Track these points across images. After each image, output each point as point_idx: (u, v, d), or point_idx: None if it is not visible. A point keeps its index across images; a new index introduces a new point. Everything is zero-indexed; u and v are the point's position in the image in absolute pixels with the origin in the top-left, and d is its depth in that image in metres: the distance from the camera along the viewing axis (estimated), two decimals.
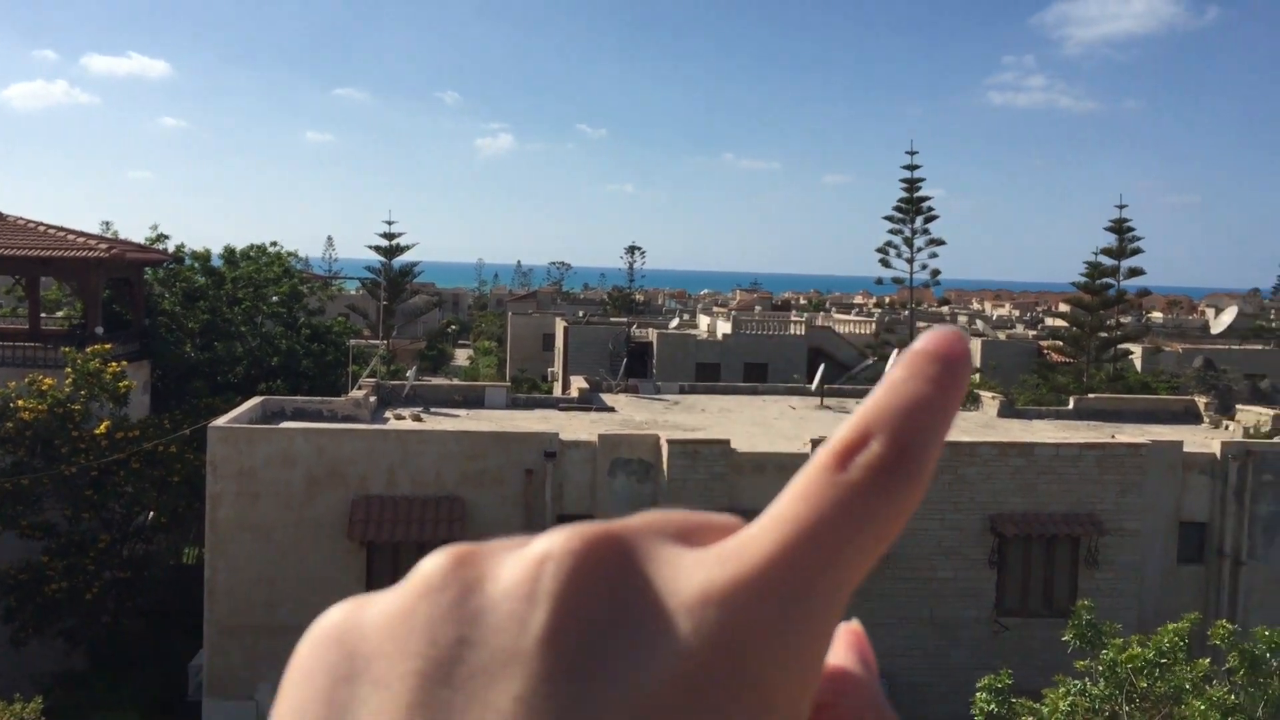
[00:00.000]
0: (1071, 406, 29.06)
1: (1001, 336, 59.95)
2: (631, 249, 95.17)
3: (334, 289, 61.50)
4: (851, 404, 30.06)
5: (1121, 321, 47.86)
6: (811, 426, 24.71)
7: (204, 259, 34.31)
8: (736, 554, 0.42)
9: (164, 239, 34.31)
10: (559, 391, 40.57)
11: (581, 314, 62.57)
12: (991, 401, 29.02)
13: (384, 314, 50.00)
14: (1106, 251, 46.48)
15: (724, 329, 49.09)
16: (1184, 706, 11.28)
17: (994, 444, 21.60)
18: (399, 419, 24.37)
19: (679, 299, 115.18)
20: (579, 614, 0.42)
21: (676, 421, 25.44)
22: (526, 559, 0.44)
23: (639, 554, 0.43)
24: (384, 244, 56.52)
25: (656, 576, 0.43)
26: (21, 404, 23.58)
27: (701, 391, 32.01)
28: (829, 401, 30.23)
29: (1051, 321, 61.25)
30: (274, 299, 34.44)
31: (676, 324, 58.48)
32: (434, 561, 0.45)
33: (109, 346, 25.36)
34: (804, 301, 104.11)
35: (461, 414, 25.71)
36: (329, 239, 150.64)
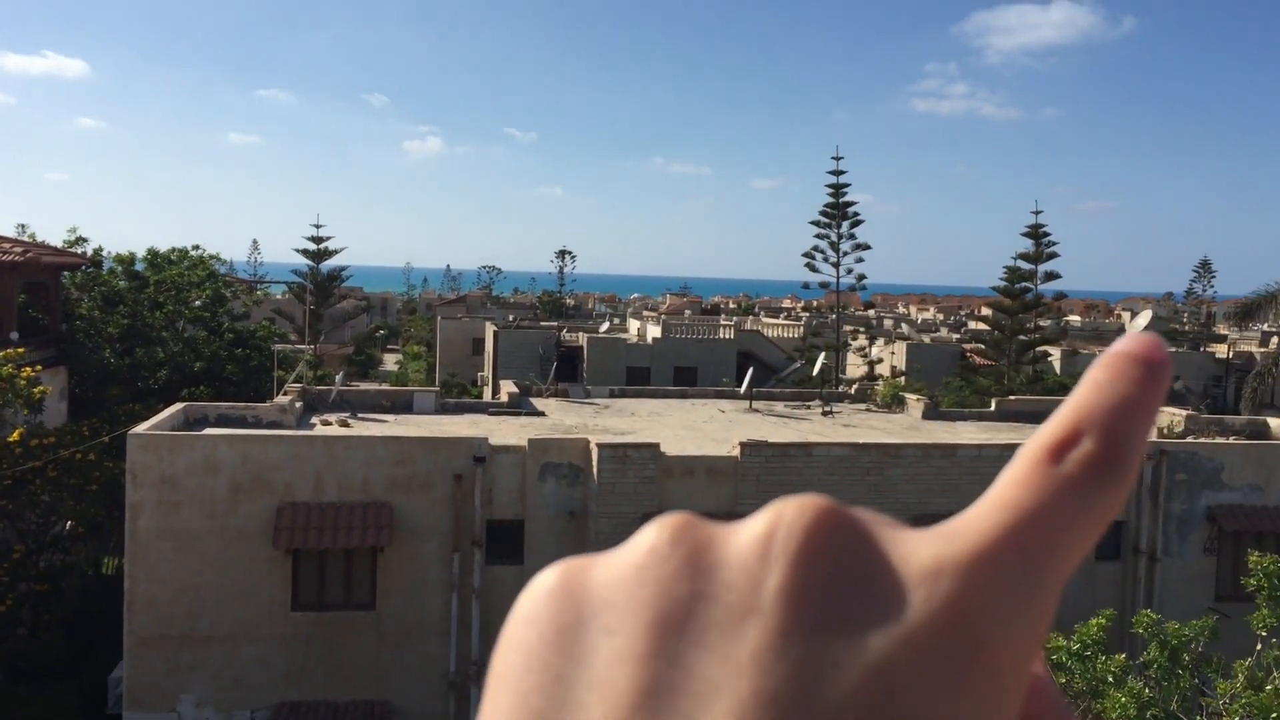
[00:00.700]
0: (993, 408, 29.63)
1: (926, 340, 60.93)
2: (562, 253, 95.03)
3: (259, 293, 60.52)
4: (780, 406, 30.35)
5: (1040, 325, 48.87)
6: (740, 430, 24.90)
7: (128, 262, 33.62)
8: (963, 532, 0.44)
9: (83, 242, 33.55)
10: (489, 396, 40.37)
11: (512, 318, 62.33)
12: (916, 404, 29.48)
13: (311, 318, 49.36)
14: (1024, 256, 47.42)
15: (654, 333, 49.22)
16: (1104, 700, 11.57)
17: (918, 445, 21.96)
18: (326, 425, 24.10)
19: (609, 303, 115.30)
20: (815, 574, 0.43)
21: (607, 425, 25.47)
22: (758, 522, 0.45)
23: (868, 526, 0.45)
24: (311, 247, 55.79)
25: (888, 547, 0.44)
26: None
27: (632, 395, 32.09)
28: (758, 404, 30.48)
29: (974, 325, 62.36)
30: (197, 303, 33.85)
31: (607, 328, 58.52)
32: (659, 525, 0.46)
33: (22, 351, 24.73)
34: (733, 305, 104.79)
35: (390, 419, 25.48)
36: (254, 242, 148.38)
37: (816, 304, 78.88)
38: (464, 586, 20.57)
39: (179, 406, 23.03)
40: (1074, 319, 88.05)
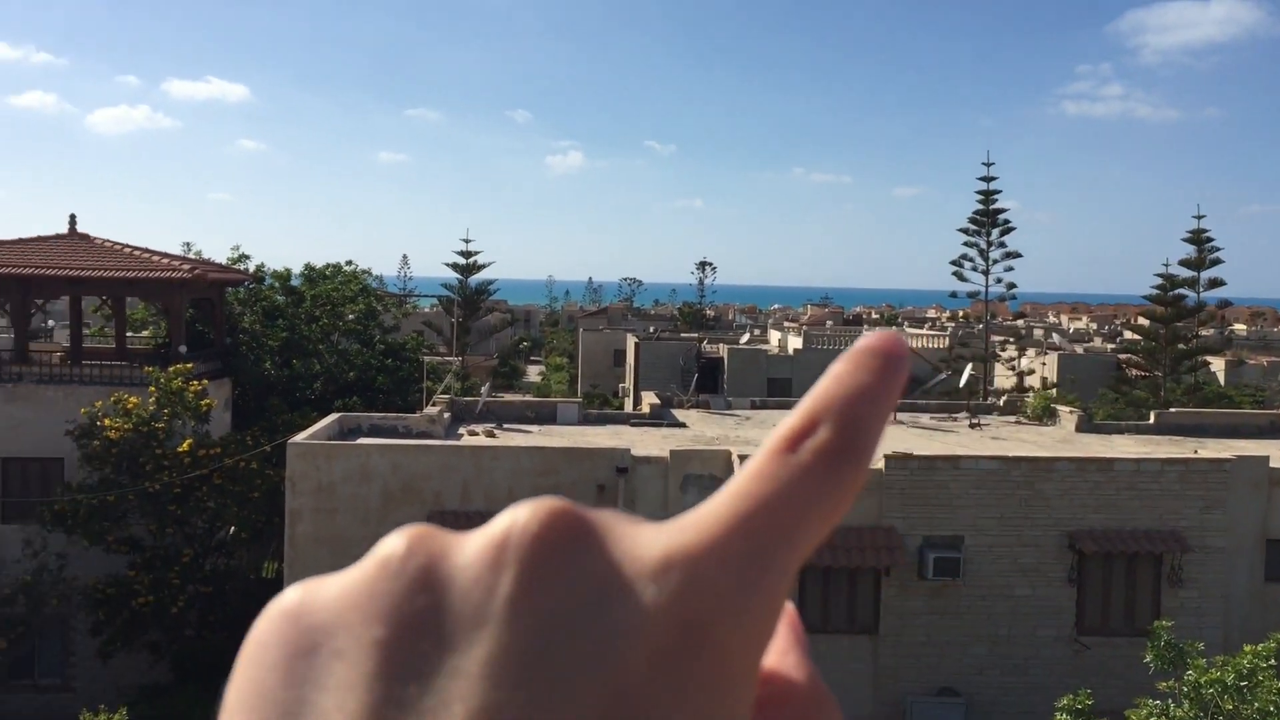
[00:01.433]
0: (1152, 421, 28.44)
1: (1079, 350, 58.87)
2: (702, 264, 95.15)
3: (409, 306, 62.35)
4: (925, 418, 29.74)
5: (1201, 334, 46.74)
6: (884, 442, 24.46)
7: (284, 278, 35.02)
8: (695, 525, 0.44)
9: (244, 259, 35.11)
10: (630, 407, 40.68)
11: (652, 330, 62.68)
12: (1069, 416, 28.51)
13: (458, 331, 50.59)
14: (1185, 263, 45.45)
15: (795, 344, 48.87)
16: None
17: (1072, 460, 21.22)
18: (473, 435, 24.63)
19: (749, 314, 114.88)
20: (546, 577, 0.42)
21: (748, 437, 25.38)
22: (490, 529, 0.44)
23: (601, 524, 0.44)
24: (460, 261, 57.24)
25: (619, 544, 0.44)
26: (108, 422, 24.25)
27: (773, 407, 31.90)
28: (902, 416, 29.94)
29: (1129, 335, 60.03)
30: (350, 317, 35.04)
31: (747, 339, 58.32)
32: (394, 537, 0.45)
33: (191, 366, 25.97)
34: (876, 316, 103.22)
35: (534, 430, 25.91)
36: (404, 257, 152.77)
37: (963, 313, 77.00)
38: None
39: (334, 417, 23.87)
40: (1239, 327, 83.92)
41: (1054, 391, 38.03)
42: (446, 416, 25.41)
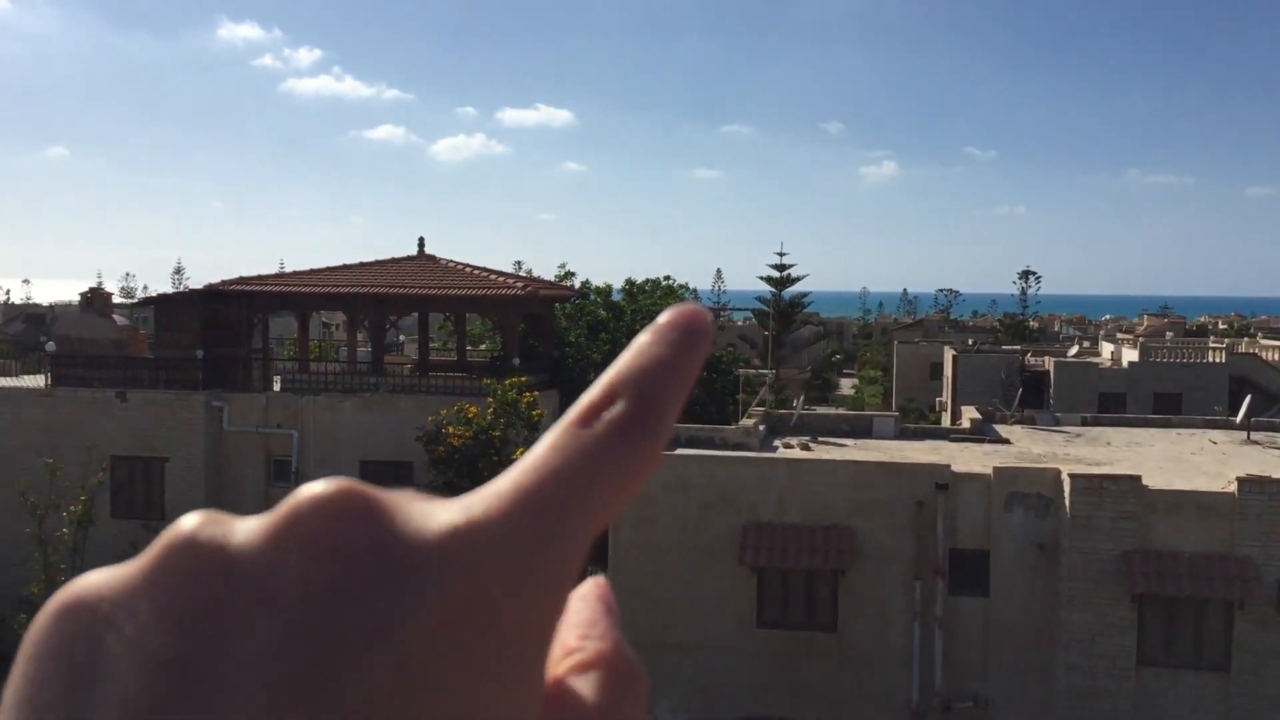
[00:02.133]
0: None
1: None
2: (1025, 274, 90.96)
3: (723, 320, 63.38)
4: None
5: None
6: (1237, 464, 22.48)
7: (606, 294, 36.55)
8: (484, 499, 0.44)
9: (570, 276, 36.93)
10: (948, 422, 39.46)
11: (971, 342, 60.57)
12: None
13: (772, 344, 50.91)
14: None
15: (1130, 356, 45.78)
16: None
17: None
18: (788, 448, 24.69)
19: (1077, 325, 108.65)
20: (329, 554, 0.42)
21: (1079, 455, 24.01)
22: (274, 511, 0.44)
23: (386, 501, 0.44)
24: (773, 275, 57.65)
25: (406, 519, 0.43)
26: (451, 430, 26.14)
27: (1106, 423, 30.02)
28: (1257, 436, 27.38)
29: None
30: None
31: (1075, 352, 55.23)
32: (178, 523, 0.45)
33: (524, 379, 27.56)
34: (1223, 326, 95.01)
35: (849, 443, 25.65)
36: (718, 271, 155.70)
37: None
38: (926, 615, 20.22)
39: None
40: None
41: None
42: (762, 429, 25.61)
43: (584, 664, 0.48)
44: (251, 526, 0.44)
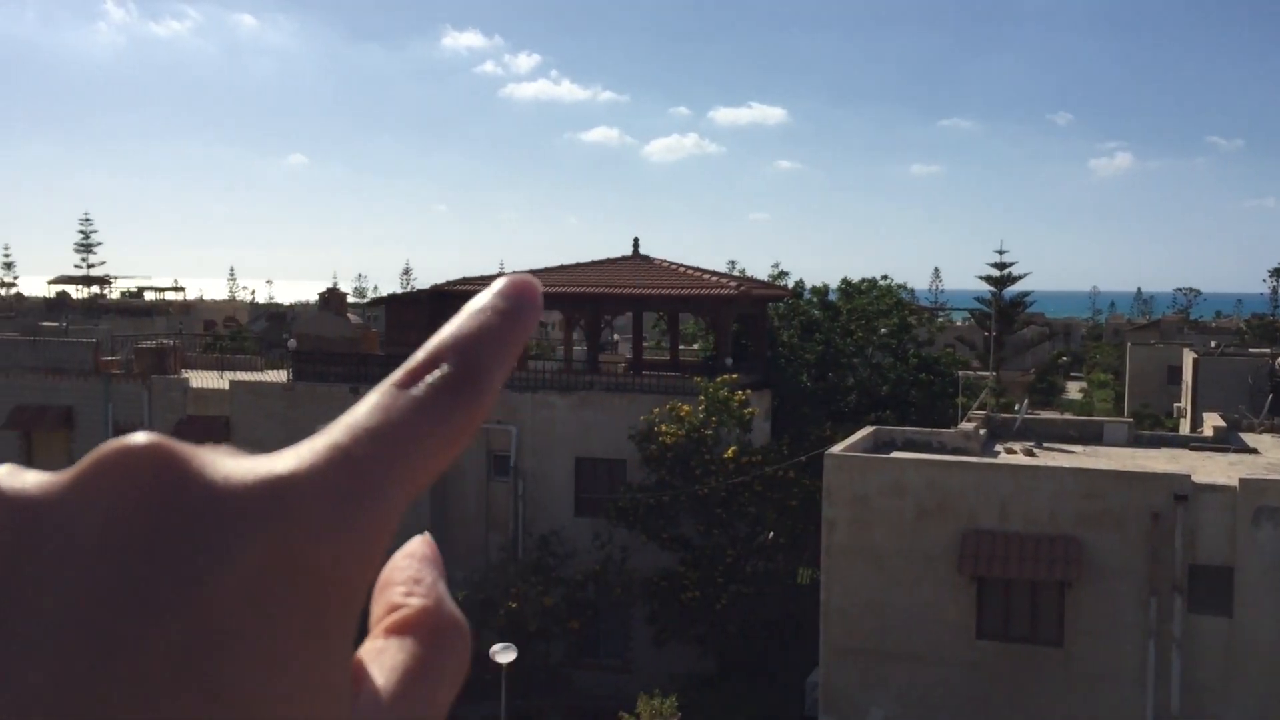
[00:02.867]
0: None
1: None
2: (1276, 271, 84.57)
3: (941, 320, 61.60)
4: None
5: None
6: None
7: (821, 294, 36.04)
8: (298, 454, 0.44)
9: (784, 276, 36.60)
10: (1187, 429, 37.04)
11: (1214, 344, 56.76)
12: None
13: (993, 345, 49.12)
14: None
15: None
16: None
17: None
18: (1010, 453, 23.72)
19: None
20: (134, 508, 0.42)
21: None
22: (78, 465, 0.43)
23: (195, 454, 0.44)
24: (994, 274, 55.66)
25: (215, 473, 0.43)
26: (664, 428, 26.34)
27: None
28: None
29: None
30: (883, 330, 35.23)
31: None
32: None
33: (736, 377, 27.49)
34: None
35: (1077, 450, 24.42)
36: (935, 270, 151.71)
37: None
38: (1162, 634, 19.02)
39: (869, 430, 24.09)
40: None
41: None
42: (982, 433, 24.70)
43: (405, 620, 0.49)
44: (54, 479, 0.43)
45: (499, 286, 0.51)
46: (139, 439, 0.43)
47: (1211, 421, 27.45)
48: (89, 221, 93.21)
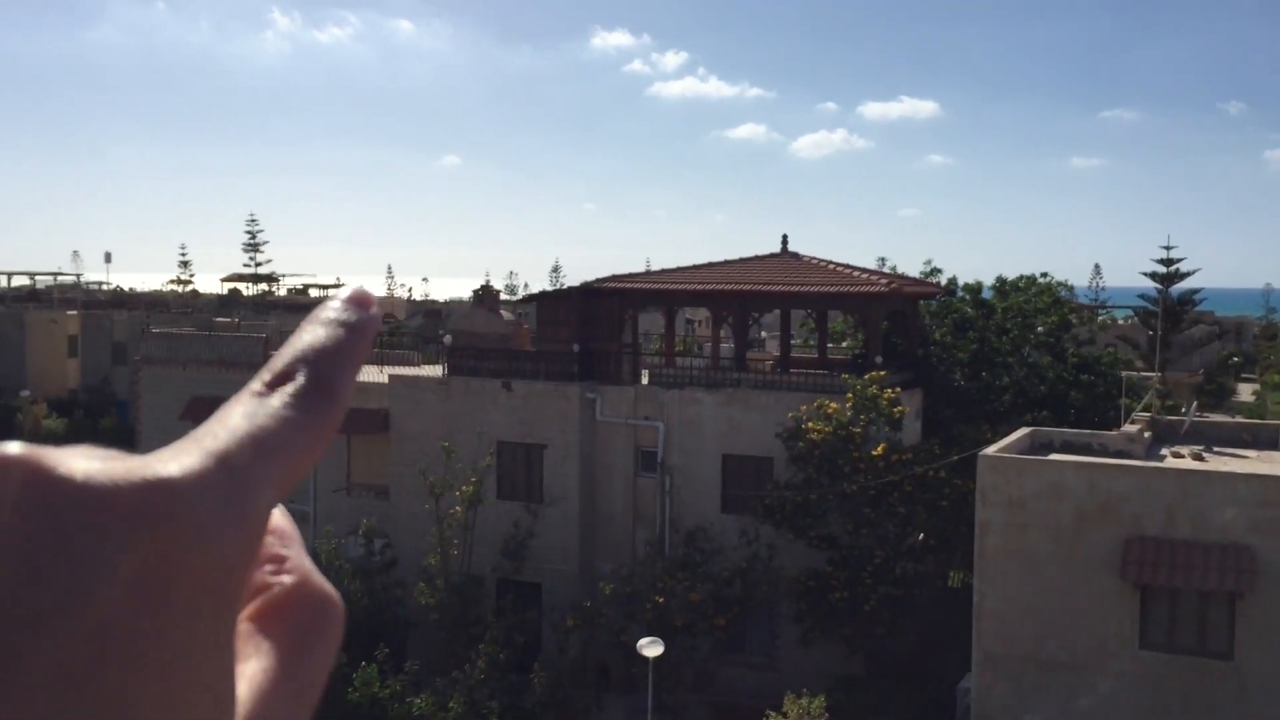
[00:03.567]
0: None
1: None
2: None
3: (1102, 318, 59.33)
4: None
5: None
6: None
7: (975, 291, 35.17)
8: (175, 457, 0.46)
9: (936, 273, 35.84)
10: None
11: None
12: None
13: (1158, 345, 47.11)
14: None
15: None
16: None
17: None
18: (1177, 457, 22.75)
19: None
20: (9, 522, 0.42)
21: None
22: None
23: (70, 461, 0.44)
24: (1160, 270, 53.38)
25: (92, 478, 0.44)
26: (811, 426, 26.12)
27: None
28: None
29: None
30: (1041, 329, 34.19)
31: None
32: None
33: (886, 375, 27.07)
34: None
35: (1252, 455, 23.26)
36: (1095, 266, 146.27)
37: None
38: None
39: (1025, 431, 23.42)
40: None
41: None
42: (1147, 436, 23.75)
43: (277, 599, 0.52)
44: None
45: (342, 298, 0.55)
46: (8, 449, 0.44)
47: None
48: (255, 222, 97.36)
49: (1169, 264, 53.58)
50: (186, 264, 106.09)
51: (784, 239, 32.84)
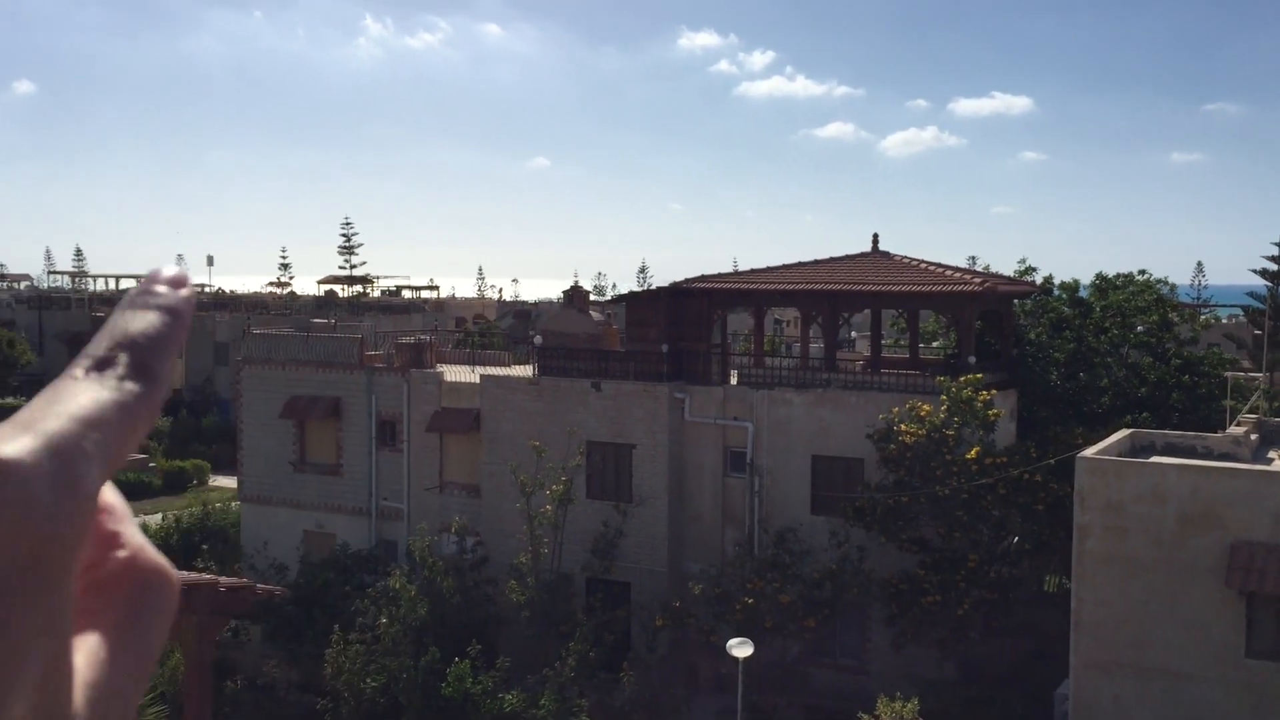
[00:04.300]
0: None
1: None
2: None
3: (1206, 317, 57.59)
4: None
5: None
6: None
7: (1072, 289, 34.41)
8: (4, 437, 0.48)
9: (1031, 271, 35.13)
10: None
11: None
12: None
13: (1266, 344, 45.60)
14: None
15: None
16: None
17: None
18: None
19: None
20: None
21: None
22: None
23: None
24: (1270, 267, 51.69)
25: None
26: (903, 428, 25.81)
27: None
28: None
29: None
30: (1141, 329, 33.33)
31: None
32: None
33: (980, 376, 26.62)
34: None
35: None
36: (1198, 264, 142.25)
37: None
38: None
39: (1126, 433, 22.88)
40: None
41: None
42: (1253, 438, 23.03)
43: (110, 575, 0.53)
44: None
45: (158, 280, 0.58)
46: None
47: None
48: (350, 225, 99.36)
49: (1279, 260, 51.86)
50: (287, 266, 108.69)
51: (874, 238, 32.51)
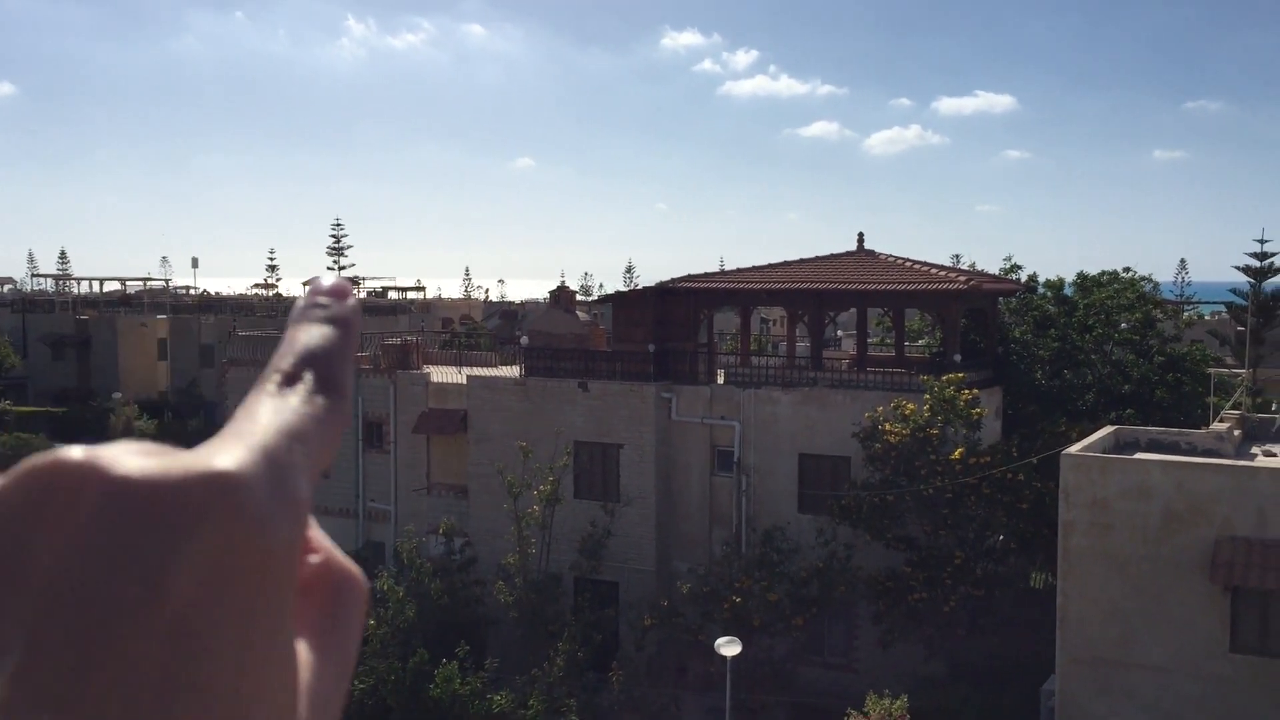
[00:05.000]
0: None
1: None
2: None
3: (1189, 314, 57.90)
4: None
5: None
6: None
7: (1056, 287, 34.56)
8: (227, 450, 0.49)
9: (1016, 269, 35.27)
10: None
11: None
12: None
13: (1249, 341, 45.89)
14: None
15: None
16: None
17: None
18: (1269, 456, 22.17)
19: None
20: (74, 525, 0.44)
21: None
22: (5, 484, 0.45)
23: (127, 460, 0.46)
24: (1251, 264, 52.00)
25: (151, 474, 0.46)
26: (888, 427, 25.88)
27: None
28: None
29: None
30: (1124, 326, 33.50)
31: None
32: None
33: (962, 375, 26.69)
34: None
35: None
36: (1181, 261, 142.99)
37: None
38: None
39: (1109, 429, 22.99)
40: None
41: None
42: (1237, 434, 23.17)
43: (304, 580, 0.54)
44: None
45: (323, 292, 0.60)
46: (70, 453, 0.46)
47: None
48: (340, 226, 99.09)
49: (1263, 257, 52.19)
50: (275, 268, 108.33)
51: (860, 237, 32.60)
